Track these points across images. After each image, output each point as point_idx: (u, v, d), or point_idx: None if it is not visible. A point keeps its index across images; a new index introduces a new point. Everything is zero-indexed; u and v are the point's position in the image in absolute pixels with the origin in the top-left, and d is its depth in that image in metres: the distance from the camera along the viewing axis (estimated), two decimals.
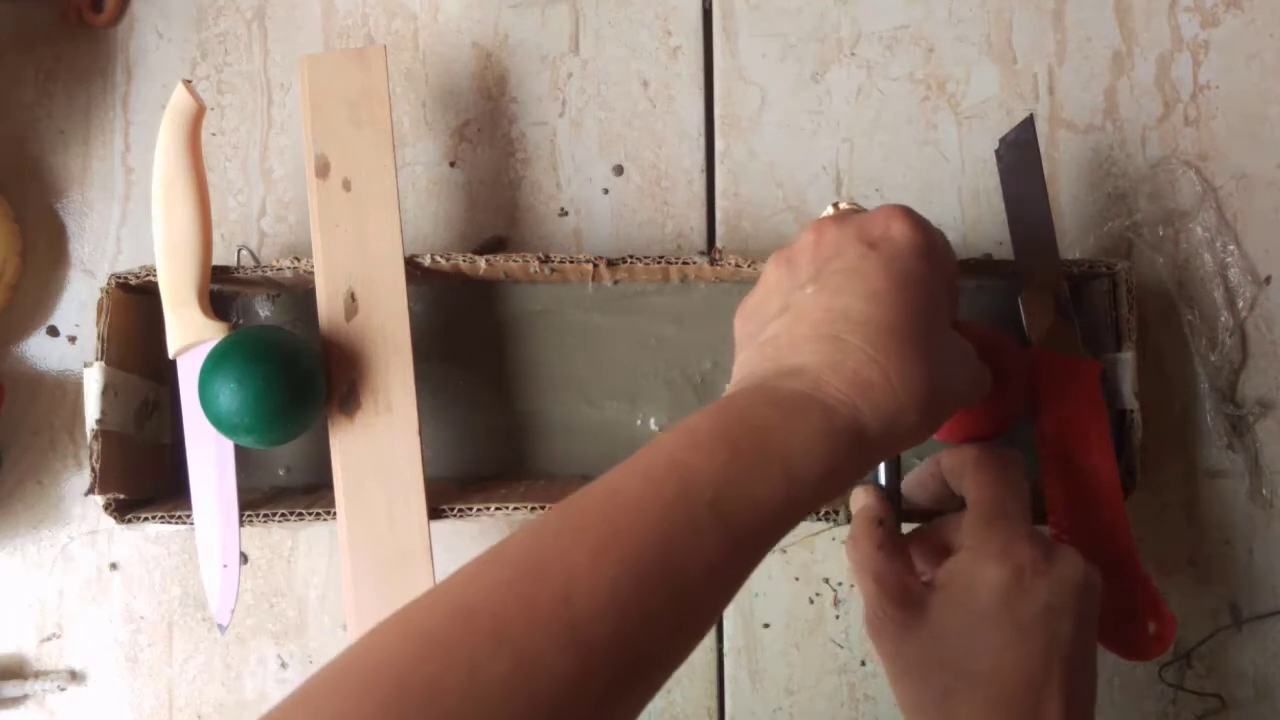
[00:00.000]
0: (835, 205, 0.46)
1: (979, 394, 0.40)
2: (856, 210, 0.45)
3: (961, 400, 0.38)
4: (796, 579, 0.54)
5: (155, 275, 0.49)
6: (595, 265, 0.50)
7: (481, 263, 0.49)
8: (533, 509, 0.47)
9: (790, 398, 0.33)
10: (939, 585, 0.39)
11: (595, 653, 0.28)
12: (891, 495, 0.46)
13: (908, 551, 0.41)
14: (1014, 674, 0.37)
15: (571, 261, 0.50)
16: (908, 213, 0.37)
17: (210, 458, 0.49)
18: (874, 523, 0.41)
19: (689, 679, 0.54)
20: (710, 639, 0.54)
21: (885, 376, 0.33)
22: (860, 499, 0.44)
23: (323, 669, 0.29)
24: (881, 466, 0.46)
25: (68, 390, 0.55)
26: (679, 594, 0.30)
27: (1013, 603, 0.37)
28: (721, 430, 0.32)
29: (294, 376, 0.46)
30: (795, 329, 0.35)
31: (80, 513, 0.55)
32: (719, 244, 0.55)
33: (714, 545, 0.30)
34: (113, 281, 0.50)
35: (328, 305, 0.48)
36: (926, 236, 0.36)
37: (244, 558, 0.54)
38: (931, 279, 0.36)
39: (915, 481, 0.45)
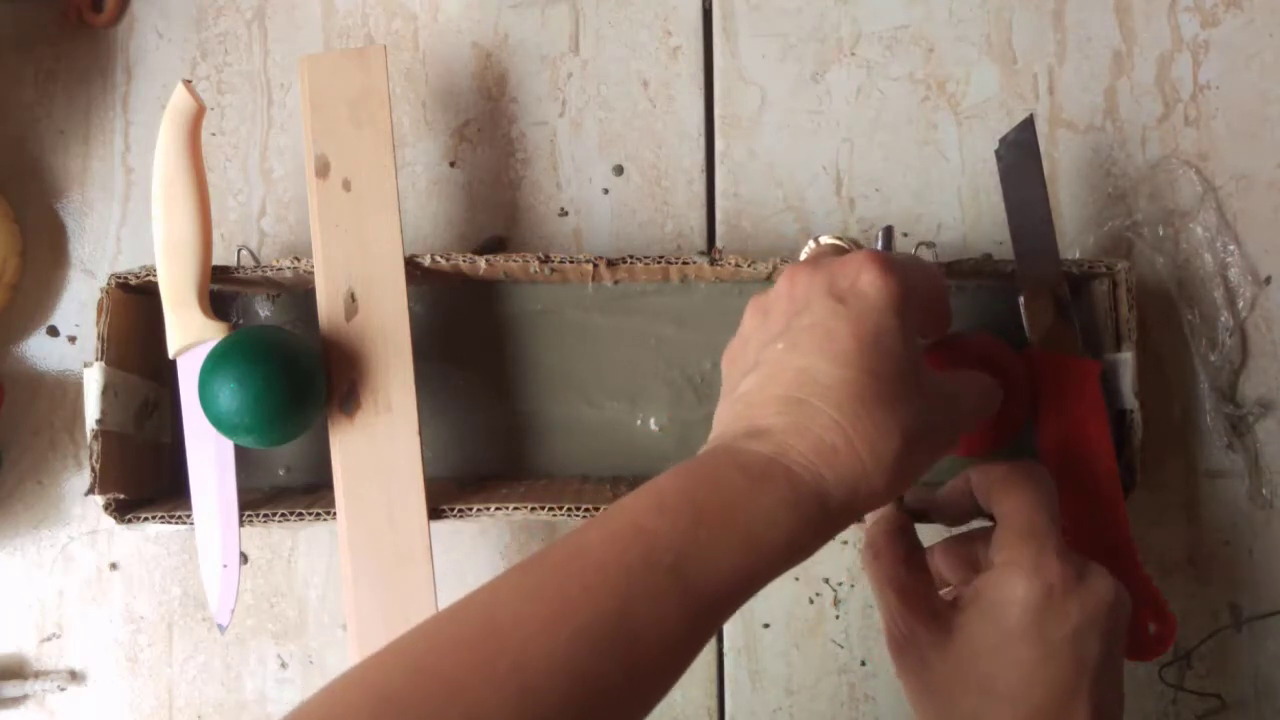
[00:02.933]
0: (816, 240, 0.44)
1: (969, 427, 0.39)
2: (837, 249, 0.43)
3: (940, 451, 0.37)
4: (796, 579, 0.54)
5: (155, 275, 0.49)
6: (595, 265, 0.50)
7: (481, 263, 0.49)
8: (533, 509, 0.47)
9: (756, 463, 0.33)
10: (967, 602, 0.38)
11: (551, 714, 0.28)
12: (901, 501, 0.46)
13: (928, 565, 0.41)
14: (1043, 694, 0.36)
15: (571, 261, 0.50)
16: (878, 261, 0.35)
17: (210, 458, 0.49)
18: (897, 533, 0.40)
19: (689, 679, 0.54)
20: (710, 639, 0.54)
21: (850, 443, 0.33)
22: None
23: None
24: None
25: (68, 390, 0.55)
26: (635, 660, 0.30)
27: (1043, 621, 0.37)
28: (687, 495, 0.32)
29: (294, 376, 0.46)
30: (765, 388, 0.35)
31: (80, 513, 0.55)
32: (719, 244, 0.55)
33: (673, 612, 0.30)
34: (113, 281, 0.50)
35: (328, 305, 0.48)
36: (899, 285, 0.35)
37: (244, 558, 0.54)
38: (903, 332, 0.35)
39: (944, 498, 0.44)
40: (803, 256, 0.45)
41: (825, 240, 0.44)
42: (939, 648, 0.38)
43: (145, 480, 0.52)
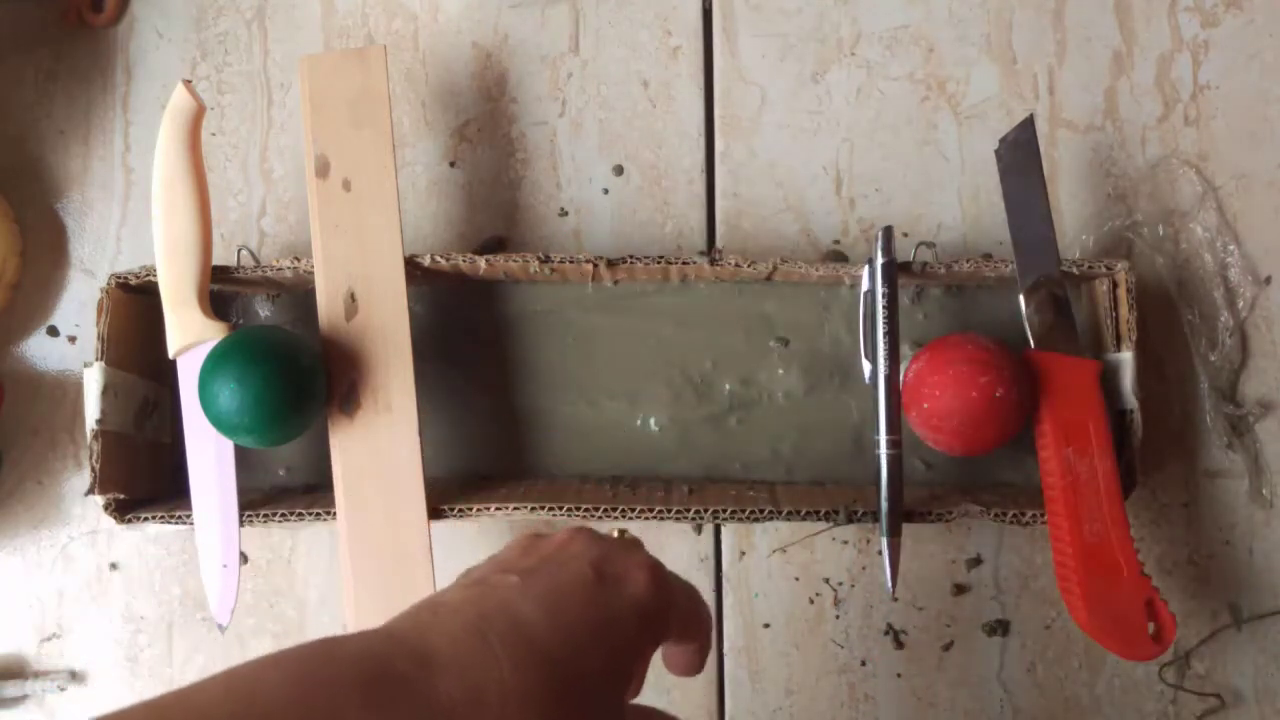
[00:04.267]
0: (620, 532, 0.40)
1: None
2: (633, 541, 0.39)
3: None
4: (796, 579, 0.53)
5: (155, 275, 0.49)
6: (595, 265, 0.50)
7: (481, 263, 0.49)
8: (533, 509, 0.47)
9: (389, 691, 0.27)
10: None
11: None
12: (894, 496, 0.46)
13: None
14: None
15: (571, 261, 0.50)
16: (658, 573, 0.34)
17: (210, 458, 0.49)
18: None
19: (689, 679, 0.54)
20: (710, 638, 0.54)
21: (502, 707, 0.28)
22: None
23: None
24: (883, 443, 0.46)
25: (68, 390, 0.55)
26: None
27: None
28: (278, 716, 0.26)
29: (294, 376, 0.46)
30: (463, 608, 0.31)
31: (80, 513, 0.55)
32: (719, 244, 0.55)
33: None
34: (113, 281, 0.50)
35: (328, 305, 0.48)
36: (663, 603, 0.33)
37: (244, 558, 0.54)
38: (634, 645, 0.32)
39: None
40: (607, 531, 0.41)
41: (629, 534, 0.40)
42: None
43: (145, 480, 0.52)
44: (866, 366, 0.48)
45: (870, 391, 0.48)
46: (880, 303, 0.47)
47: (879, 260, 0.47)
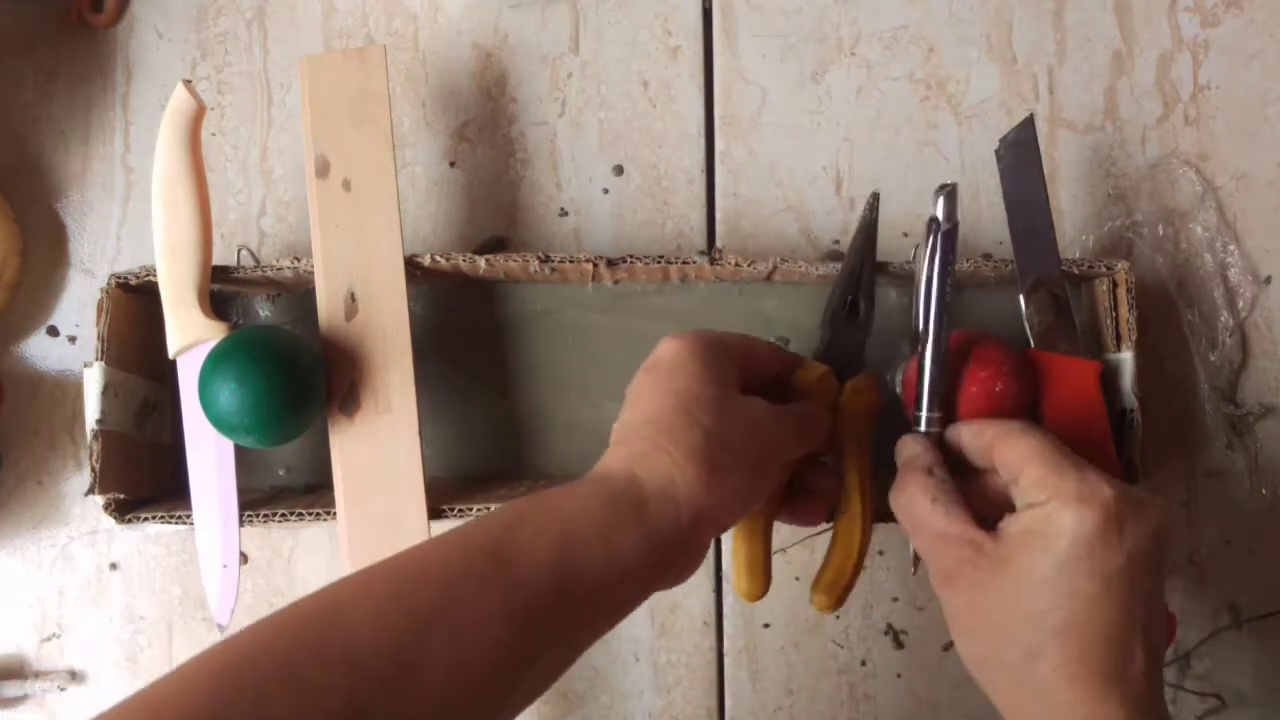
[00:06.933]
0: None
1: (787, 450, 0.42)
2: None
3: (757, 467, 0.39)
4: (796, 579, 0.53)
5: (155, 275, 0.49)
6: (595, 265, 0.50)
7: (481, 263, 0.49)
8: None
9: (581, 480, 0.38)
10: (1012, 536, 0.38)
11: (375, 690, 0.31)
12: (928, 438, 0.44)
13: (965, 502, 0.40)
14: (1098, 628, 0.36)
15: (571, 261, 0.50)
16: (673, 335, 0.41)
17: (210, 458, 0.49)
18: (924, 472, 0.41)
19: (689, 679, 0.54)
20: (710, 639, 0.54)
21: (656, 444, 0.38)
22: (907, 448, 0.43)
23: (122, 700, 0.30)
24: (924, 420, 0.44)
25: (68, 390, 0.55)
26: (457, 641, 0.32)
27: (1097, 552, 0.36)
28: (515, 506, 0.37)
29: (294, 376, 0.46)
30: (609, 449, 0.40)
31: (80, 513, 0.55)
32: (719, 244, 0.55)
33: (494, 594, 0.33)
34: (113, 281, 0.50)
35: (328, 305, 0.48)
36: (688, 345, 0.40)
37: (244, 558, 0.54)
38: (690, 375, 0.39)
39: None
40: None
41: None
42: (989, 585, 0.38)
43: (145, 480, 0.52)
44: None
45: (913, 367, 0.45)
46: (937, 271, 0.44)
47: (942, 227, 0.43)
